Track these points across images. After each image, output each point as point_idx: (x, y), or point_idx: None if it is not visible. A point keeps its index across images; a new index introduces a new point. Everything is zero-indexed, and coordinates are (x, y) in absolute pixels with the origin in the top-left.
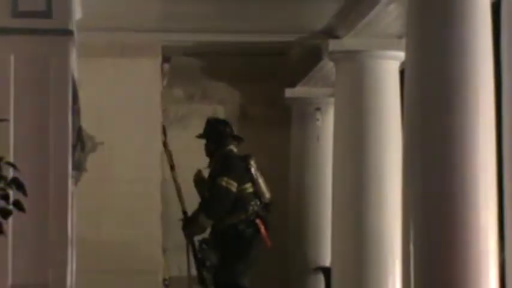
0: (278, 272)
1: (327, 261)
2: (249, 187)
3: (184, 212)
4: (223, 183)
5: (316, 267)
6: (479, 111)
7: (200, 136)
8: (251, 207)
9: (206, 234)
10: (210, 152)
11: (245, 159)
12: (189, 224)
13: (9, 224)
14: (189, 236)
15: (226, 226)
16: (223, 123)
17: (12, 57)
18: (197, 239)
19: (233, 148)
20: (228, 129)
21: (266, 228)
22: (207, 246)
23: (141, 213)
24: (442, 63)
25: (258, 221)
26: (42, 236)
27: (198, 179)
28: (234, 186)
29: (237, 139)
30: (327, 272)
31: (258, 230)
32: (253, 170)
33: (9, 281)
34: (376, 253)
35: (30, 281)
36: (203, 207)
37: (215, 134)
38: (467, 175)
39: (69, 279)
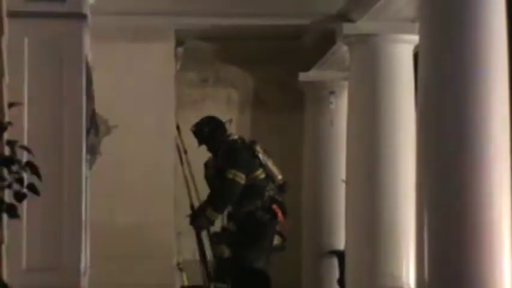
0: (292, 255)
1: (341, 245)
2: (260, 173)
3: (192, 207)
4: (231, 176)
5: (330, 250)
6: (494, 93)
7: (200, 144)
8: (267, 193)
9: (217, 228)
10: (215, 151)
11: (250, 146)
12: (196, 218)
13: (24, 207)
14: (196, 230)
15: (244, 214)
16: (208, 122)
17: (26, 41)
18: (213, 230)
19: (235, 137)
20: (215, 124)
21: (283, 213)
22: (218, 240)
23: (154, 197)
24: (455, 46)
25: (274, 206)
26: (57, 220)
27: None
28: (242, 179)
29: (225, 125)
30: (340, 255)
31: (275, 216)
32: (260, 155)
33: (24, 265)
34: (390, 236)
35: (44, 264)
36: (211, 200)
37: (209, 136)
38: (482, 156)
39: (83, 263)
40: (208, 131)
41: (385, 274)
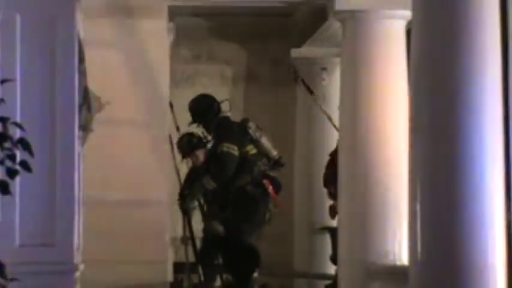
0: (284, 231)
1: (333, 221)
2: (251, 149)
3: (180, 194)
4: (225, 149)
5: (323, 227)
6: (488, 65)
7: (192, 122)
8: (256, 168)
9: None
10: (208, 129)
11: (242, 123)
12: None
13: (17, 184)
14: (186, 206)
15: (235, 189)
16: (202, 100)
17: (18, 17)
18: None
19: (226, 114)
20: (209, 102)
21: (275, 188)
22: (213, 218)
23: (147, 174)
24: (447, 21)
25: (265, 181)
26: (50, 197)
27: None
28: (235, 150)
29: (219, 104)
30: (333, 232)
31: (265, 191)
32: (251, 131)
33: (17, 241)
34: (383, 213)
35: (37, 241)
36: (210, 172)
37: (202, 114)
38: (475, 134)
39: (77, 239)
40: (203, 108)
41: (378, 251)
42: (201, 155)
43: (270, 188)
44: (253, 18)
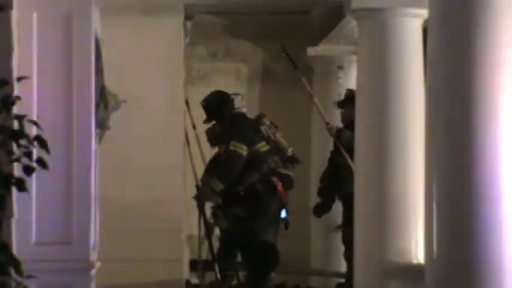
0: (301, 230)
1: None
2: (262, 146)
3: (197, 186)
4: (232, 148)
5: (338, 225)
6: (504, 67)
7: (207, 120)
8: (266, 165)
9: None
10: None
11: (257, 119)
12: (200, 190)
13: (33, 182)
14: (200, 204)
15: (244, 188)
16: (215, 96)
17: (35, 15)
18: (211, 205)
19: (241, 110)
20: (222, 98)
21: (284, 185)
22: (220, 211)
23: (163, 172)
24: (464, 20)
25: (274, 178)
26: (66, 194)
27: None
28: (243, 149)
29: (233, 100)
30: None
31: (274, 188)
32: (263, 128)
33: (33, 239)
34: (399, 211)
35: (54, 239)
36: (216, 171)
37: (216, 111)
38: (491, 133)
39: (93, 237)
40: (216, 105)
41: (394, 249)
42: None
43: (279, 185)
44: (270, 16)
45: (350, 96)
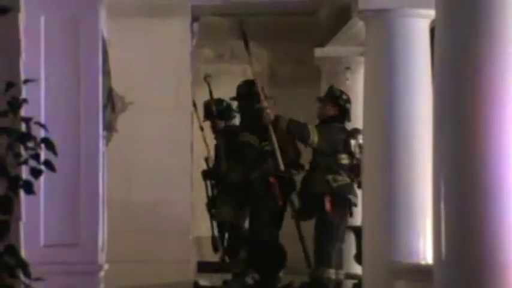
0: (310, 231)
1: (358, 221)
2: (266, 144)
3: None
4: (242, 138)
5: (347, 226)
6: (510, 67)
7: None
8: (266, 165)
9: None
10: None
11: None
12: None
13: (41, 184)
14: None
15: (248, 182)
16: (244, 85)
17: (42, 18)
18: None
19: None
20: (248, 87)
21: (281, 187)
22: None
23: (171, 174)
24: (471, 20)
25: (272, 179)
26: (74, 196)
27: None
28: (255, 141)
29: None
30: (357, 231)
31: (268, 188)
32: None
33: (42, 241)
34: (407, 212)
35: (62, 240)
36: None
37: (244, 99)
38: (499, 133)
39: (101, 239)
40: (245, 92)
41: (402, 250)
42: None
43: (276, 187)
44: (276, 17)
45: (332, 92)
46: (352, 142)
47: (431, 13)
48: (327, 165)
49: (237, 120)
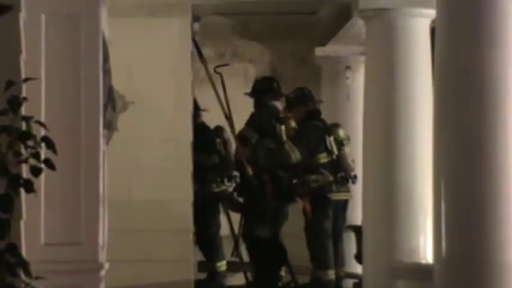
0: None
1: (358, 220)
2: (269, 142)
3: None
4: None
5: (347, 225)
6: (510, 67)
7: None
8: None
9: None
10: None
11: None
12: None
13: (41, 183)
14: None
15: (246, 180)
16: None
17: (42, 17)
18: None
19: (273, 103)
20: (267, 83)
21: (273, 187)
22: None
23: (171, 173)
24: (472, 20)
25: (264, 176)
26: (74, 195)
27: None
28: (254, 137)
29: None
30: (358, 230)
31: (262, 186)
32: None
33: (42, 240)
34: (407, 211)
35: (62, 239)
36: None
37: (260, 93)
38: (499, 133)
39: (101, 238)
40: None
41: (403, 249)
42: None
43: (269, 187)
44: (277, 16)
45: (300, 95)
46: (328, 139)
47: (432, 13)
48: (307, 166)
49: None
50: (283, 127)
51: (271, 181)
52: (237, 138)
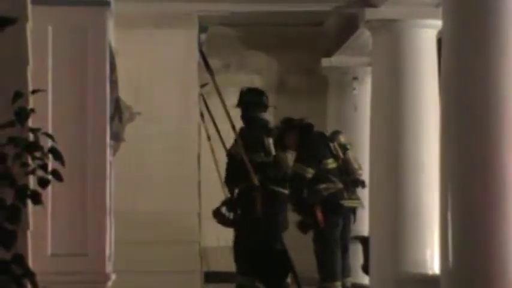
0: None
1: (365, 231)
2: (259, 156)
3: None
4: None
5: (354, 236)
6: None
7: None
8: (258, 176)
9: None
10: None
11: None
12: None
13: (49, 194)
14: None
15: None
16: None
17: (50, 28)
18: None
19: (264, 117)
20: (256, 96)
21: (265, 199)
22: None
23: (178, 184)
24: (478, 31)
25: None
26: (81, 206)
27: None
28: (242, 154)
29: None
30: (365, 241)
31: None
32: (266, 141)
33: (49, 251)
34: (414, 222)
35: (69, 250)
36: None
37: (248, 106)
38: (506, 143)
39: (108, 249)
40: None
41: (410, 260)
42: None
43: (258, 200)
44: (284, 27)
45: (289, 124)
46: (331, 145)
47: (438, 24)
48: (317, 175)
49: None
50: (271, 140)
51: (263, 192)
52: (227, 156)
